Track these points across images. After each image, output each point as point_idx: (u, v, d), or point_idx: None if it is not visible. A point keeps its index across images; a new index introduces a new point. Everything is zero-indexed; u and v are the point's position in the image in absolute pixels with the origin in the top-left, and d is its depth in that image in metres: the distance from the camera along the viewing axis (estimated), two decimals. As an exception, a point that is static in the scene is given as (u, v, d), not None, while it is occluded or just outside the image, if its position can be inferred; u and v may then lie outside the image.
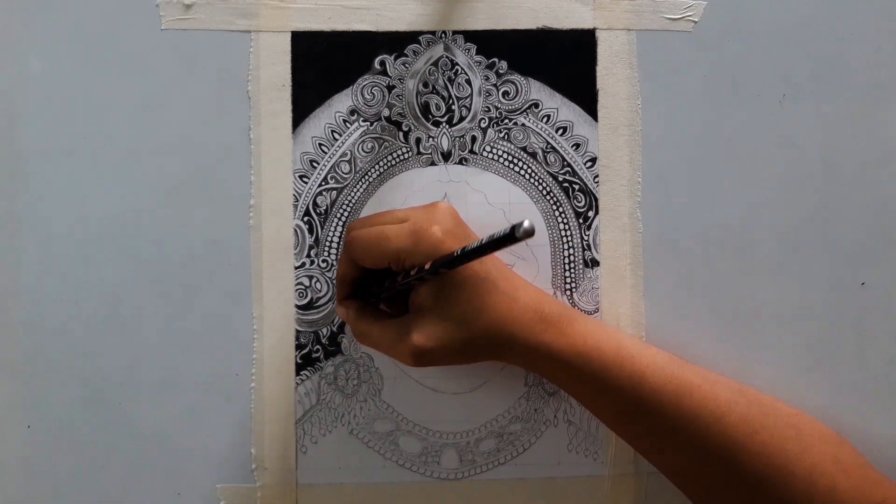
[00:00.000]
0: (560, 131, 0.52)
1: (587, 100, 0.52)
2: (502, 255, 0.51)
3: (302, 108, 0.52)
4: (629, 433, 0.48)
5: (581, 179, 0.52)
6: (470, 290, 0.45)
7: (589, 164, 0.52)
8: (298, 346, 0.51)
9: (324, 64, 0.52)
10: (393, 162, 0.52)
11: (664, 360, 0.46)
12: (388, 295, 0.48)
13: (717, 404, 0.45)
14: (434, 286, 0.45)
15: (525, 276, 0.51)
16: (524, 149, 0.52)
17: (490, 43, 0.52)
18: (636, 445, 0.48)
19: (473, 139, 0.52)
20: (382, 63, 0.52)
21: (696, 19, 0.52)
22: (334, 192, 0.52)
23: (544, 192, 0.52)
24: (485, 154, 0.52)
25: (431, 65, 0.52)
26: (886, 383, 0.51)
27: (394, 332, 0.46)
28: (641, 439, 0.47)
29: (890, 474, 0.50)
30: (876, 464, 0.50)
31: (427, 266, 0.44)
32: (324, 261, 0.51)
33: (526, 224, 0.36)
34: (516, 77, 0.52)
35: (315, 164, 0.52)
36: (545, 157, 0.52)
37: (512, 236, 0.37)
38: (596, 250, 0.52)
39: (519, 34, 0.52)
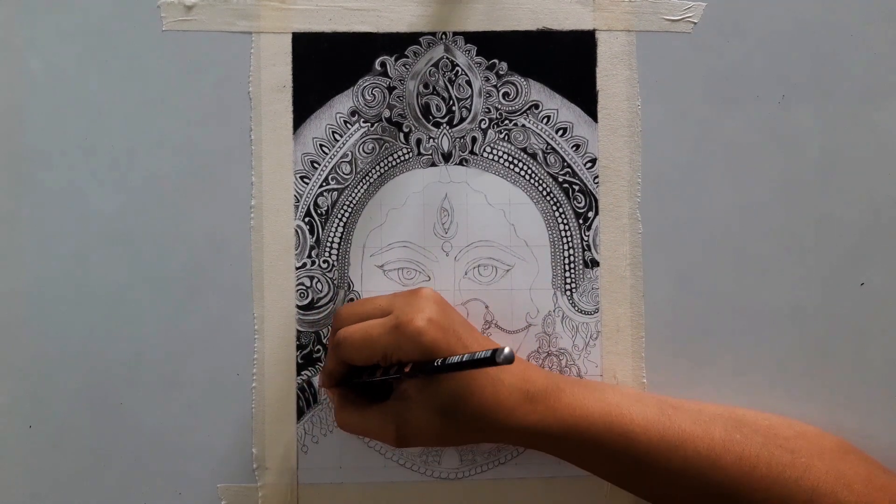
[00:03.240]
0: (560, 132, 0.52)
1: (587, 101, 0.52)
2: (503, 255, 0.51)
3: (303, 109, 0.52)
4: (627, 486, 0.48)
5: (581, 180, 0.52)
6: (454, 378, 0.44)
7: (589, 164, 0.52)
8: (299, 347, 0.51)
9: (324, 65, 0.52)
10: (393, 163, 0.52)
11: (654, 414, 0.46)
12: (373, 386, 0.48)
13: (713, 447, 0.45)
14: None
15: (525, 277, 0.51)
16: (524, 150, 0.52)
17: (490, 44, 0.52)
18: (636, 493, 0.48)
19: (474, 140, 0.52)
20: (383, 64, 0.52)
21: (695, 20, 0.52)
22: (335, 193, 0.52)
23: (544, 193, 0.52)
24: (485, 155, 0.52)
25: (432, 66, 0.52)
26: (886, 383, 0.52)
27: (377, 421, 0.46)
28: (640, 490, 0.47)
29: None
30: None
31: (406, 369, 0.44)
32: (325, 261, 0.52)
33: (507, 351, 0.38)
34: (516, 78, 0.52)
35: (316, 165, 0.52)
36: (545, 158, 0.52)
37: (492, 360, 0.38)
38: (596, 251, 0.52)
39: (519, 35, 0.52)
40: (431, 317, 0.45)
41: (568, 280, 0.52)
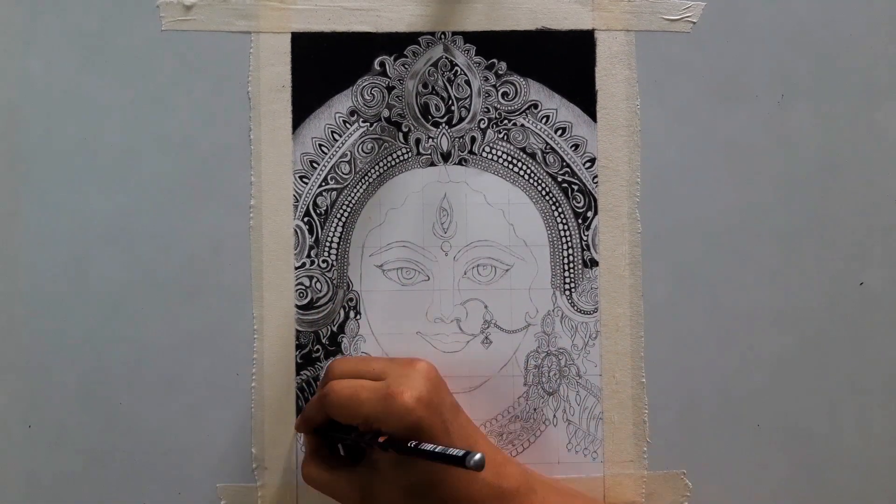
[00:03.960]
0: (559, 132, 0.52)
1: (586, 100, 0.52)
2: (502, 254, 0.51)
3: (302, 109, 0.52)
4: None
5: (580, 180, 0.52)
6: (429, 462, 0.43)
7: (588, 164, 0.52)
8: (299, 346, 0.51)
9: (324, 65, 0.52)
10: (393, 162, 0.52)
11: None
12: (346, 444, 0.48)
13: None
14: None
15: (525, 277, 0.51)
16: (523, 149, 0.52)
17: (489, 44, 0.52)
18: None
19: (473, 140, 0.52)
20: (382, 64, 0.52)
21: (694, 20, 0.52)
22: (334, 193, 0.52)
23: (543, 193, 0.52)
24: (484, 154, 0.52)
25: (431, 66, 0.52)
26: (886, 383, 0.52)
27: (343, 484, 0.46)
28: None
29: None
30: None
31: (381, 439, 0.44)
32: (324, 261, 0.52)
33: (477, 457, 0.39)
34: (515, 78, 0.52)
35: (315, 165, 0.52)
36: (544, 158, 0.52)
37: (462, 462, 0.40)
38: (595, 250, 0.52)
39: (518, 35, 0.52)
40: (422, 395, 0.44)
41: (567, 280, 0.52)
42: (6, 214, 0.51)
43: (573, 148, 0.52)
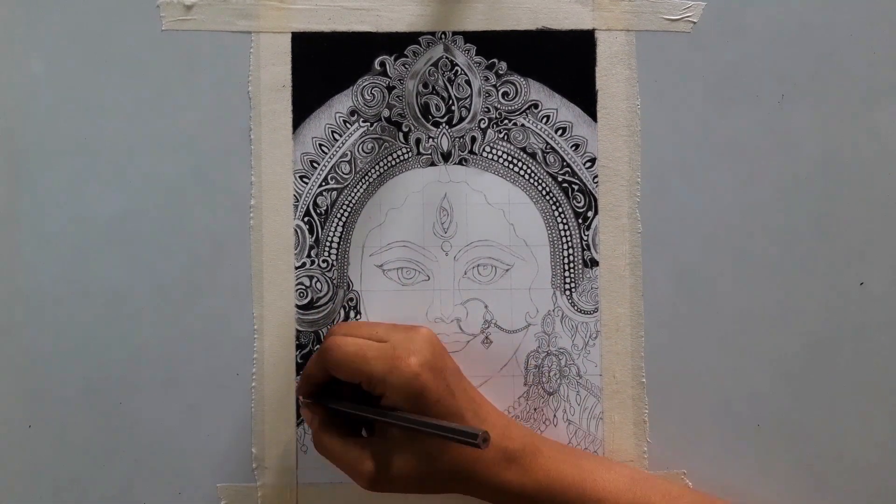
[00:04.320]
0: (559, 132, 0.52)
1: (586, 100, 0.52)
2: (502, 254, 0.51)
3: (302, 109, 0.52)
4: None
5: (580, 179, 0.52)
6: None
7: (588, 164, 0.52)
8: (299, 346, 0.51)
9: (324, 65, 0.52)
10: (393, 162, 0.52)
11: (625, 485, 0.46)
12: (354, 416, 0.48)
13: None
14: None
15: (525, 277, 0.51)
16: (524, 149, 0.52)
17: (490, 44, 0.52)
18: None
19: (473, 139, 0.52)
20: (382, 64, 0.52)
21: (695, 20, 0.52)
22: (335, 193, 0.52)
23: (544, 193, 0.52)
24: (484, 154, 0.52)
25: (431, 65, 0.52)
26: (886, 383, 0.52)
27: (356, 454, 0.46)
28: None
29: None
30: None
31: (384, 414, 0.45)
32: (324, 261, 0.52)
33: (482, 434, 0.41)
34: (516, 78, 0.52)
35: (315, 165, 0.52)
36: (545, 158, 0.52)
37: (474, 438, 0.41)
38: (595, 250, 0.52)
39: (518, 35, 0.52)
40: (426, 360, 0.45)
41: (567, 279, 0.52)
42: (6, 214, 0.51)
43: (573, 148, 0.52)
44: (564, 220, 0.52)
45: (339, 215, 0.52)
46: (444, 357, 0.47)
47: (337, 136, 0.52)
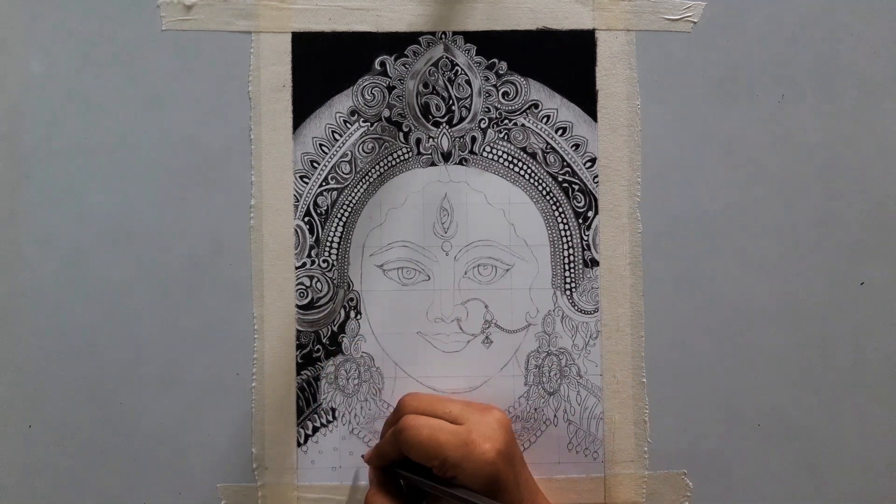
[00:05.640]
0: (560, 132, 0.52)
1: (587, 100, 0.52)
2: (503, 254, 0.51)
3: (302, 109, 0.52)
4: None
5: (581, 179, 0.52)
6: None
7: (588, 164, 0.52)
8: (299, 346, 0.51)
9: (324, 64, 0.52)
10: (393, 162, 0.52)
11: None
12: (413, 485, 0.47)
13: None
14: None
15: (525, 277, 0.51)
16: (524, 149, 0.52)
17: (490, 44, 0.52)
18: None
19: (473, 139, 0.52)
20: (383, 64, 0.52)
21: (695, 20, 0.52)
22: (335, 193, 0.52)
23: (544, 193, 0.52)
24: (485, 154, 0.52)
25: (431, 65, 0.52)
26: (886, 383, 0.52)
27: None
28: None
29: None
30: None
31: (448, 486, 0.44)
32: (324, 261, 0.52)
33: None
34: (516, 78, 0.52)
35: (315, 165, 0.52)
36: (545, 158, 0.52)
37: None
38: (595, 250, 0.52)
39: (519, 35, 0.52)
40: (501, 448, 0.45)
41: (568, 279, 0.52)
42: (6, 214, 0.51)
43: (574, 148, 0.52)
44: (565, 220, 0.52)
45: (339, 215, 0.52)
46: (515, 444, 0.47)
47: (337, 136, 0.52)
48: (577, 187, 0.52)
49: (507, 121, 0.52)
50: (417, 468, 0.47)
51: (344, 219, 0.52)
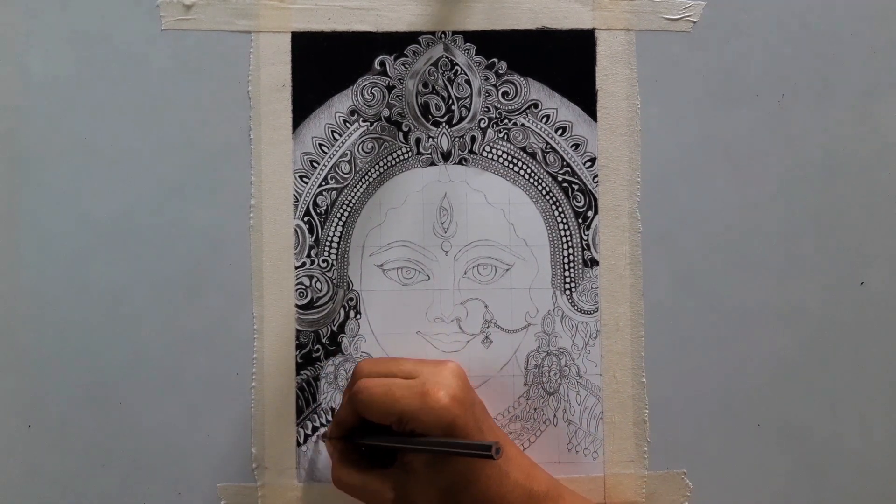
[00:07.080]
0: (559, 131, 0.52)
1: (586, 100, 0.52)
2: (502, 254, 0.51)
3: (302, 109, 0.52)
4: None
5: (580, 179, 0.52)
6: (463, 462, 0.44)
7: (588, 164, 0.52)
8: (299, 346, 0.51)
9: (324, 64, 0.52)
10: (393, 162, 0.52)
11: None
12: (377, 447, 0.47)
13: None
14: None
15: (525, 277, 0.51)
16: (524, 149, 0.52)
17: (490, 43, 0.52)
18: None
19: (473, 139, 0.52)
20: (382, 63, 0.52)
21: (695, 20, 0.52)
22: (334, 192, 0.52)
23: (544, 192, 0.52)
24: (484, 154, 0.52)
25: (431, 65, 0.52)
26: (886, 383, 0.52)
27: (376, 486, 0.46)
28: None
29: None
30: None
31: (397, 441, 0.45)
32: (324, 261, 0.52)
33: (497, 446, 0.42)
34: (516, 77, 0.52)
35: (315, 164, 0.52)
36: (544, 157, 0.52)
37: (487, 450, 0.42)
38: (595, 250, 0.52)
39: (518, 34, 0.52)
40: (456, 394, 0.45)
41: (567, 279, 0.52)
42: (6, 214, 0.51)
43: (573, 147, 0.52)
44: (564, 220, 0.52)
45: (339, 215, 0.52)
46: (472, 392, 0.47)
47: (337, 136, 0.52)
48: (576, 187, 0.52)
49: (506, 120, 0.52)
50: (378, 434, 0.47)
51: (343, 218, 0.52)
